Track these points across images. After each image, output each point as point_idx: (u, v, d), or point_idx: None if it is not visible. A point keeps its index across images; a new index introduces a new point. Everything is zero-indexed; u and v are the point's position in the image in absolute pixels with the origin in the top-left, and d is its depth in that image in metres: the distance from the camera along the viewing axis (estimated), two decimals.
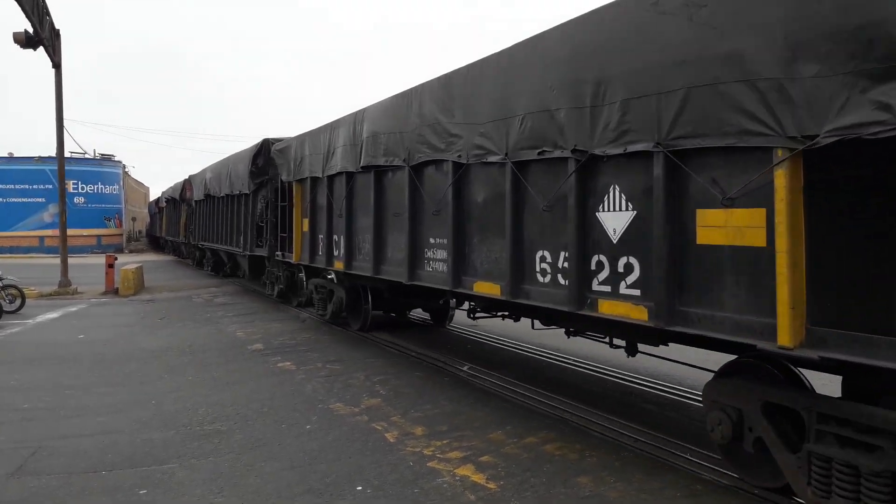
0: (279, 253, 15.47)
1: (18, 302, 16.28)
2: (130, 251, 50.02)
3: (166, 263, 36.71)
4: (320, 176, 12.30)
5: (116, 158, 53.24)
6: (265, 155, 16.69)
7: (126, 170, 57.06)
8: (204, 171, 25.74)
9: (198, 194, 26.80)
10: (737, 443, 5.17)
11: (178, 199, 33.44)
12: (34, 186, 46.08)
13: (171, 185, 40.84)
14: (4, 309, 14.93)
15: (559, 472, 5.65)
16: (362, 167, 10.34)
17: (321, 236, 12.49)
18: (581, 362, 9.87)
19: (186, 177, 31.08)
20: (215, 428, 7.00)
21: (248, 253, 18.42)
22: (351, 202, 11.16)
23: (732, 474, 5.40)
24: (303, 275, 15.50)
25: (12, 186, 46.04)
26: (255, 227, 17.43)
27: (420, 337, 12.24)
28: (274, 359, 10.58)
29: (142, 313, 16.45)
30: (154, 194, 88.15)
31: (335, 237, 11.86)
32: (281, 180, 14.98)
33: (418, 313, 14.23)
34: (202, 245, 27.32)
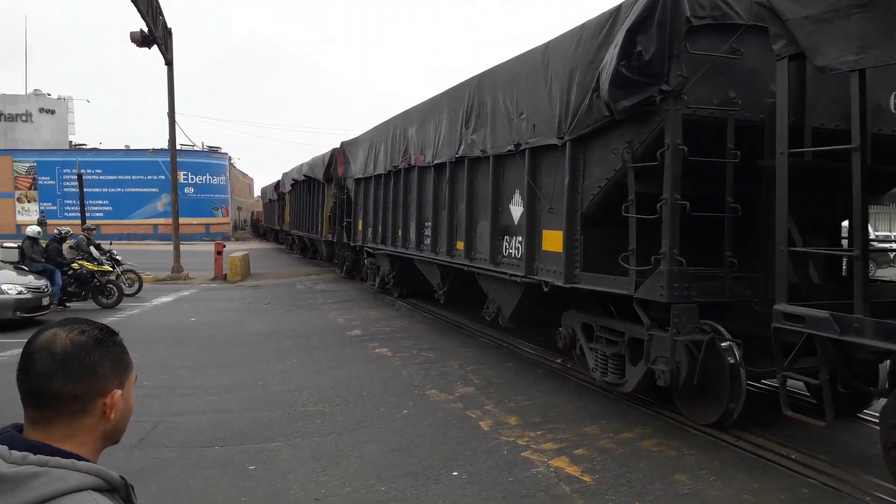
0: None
1: (137, 286, 17.37)
2: (236, 239, 52.33)
3: (269, 251, 38.27)
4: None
5: (223, 150, 55.70)
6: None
7: (232, 161, 59.59)
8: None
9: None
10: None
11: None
12: (148, 177, 48.85)
13: (278, 177, 42.42)
14: (125, 292, 15.95)
15: (656, 468, 5.57)
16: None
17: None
18: None
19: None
20: (318, 409, 7.30)
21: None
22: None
23: (839, 477, 5.19)
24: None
25: (129, 177, 48.95)
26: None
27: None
28: (371, 345, 10.88)
29: (248, 298, 17.24)
30: (258, 185, 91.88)
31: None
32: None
33: None
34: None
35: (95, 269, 15.15)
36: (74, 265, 14.92)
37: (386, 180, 14.55)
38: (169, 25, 22.19)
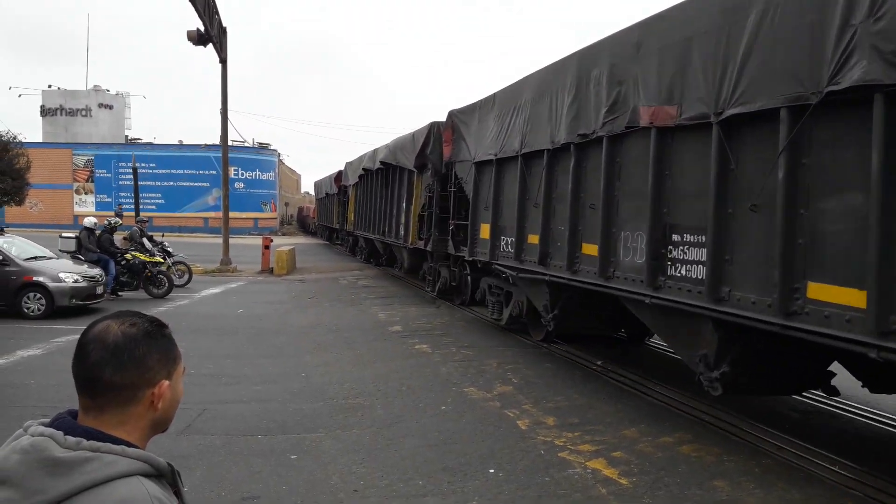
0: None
1: (186, 277, 17.78)
2: (283, 234, 53.16)
3: (315, 247, 38.74)
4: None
5: (272, 147, 56.60)
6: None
7: (280, 158, 60.51)
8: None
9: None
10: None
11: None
12: (200, 171, 49.97)
13: (327, 173, 39.38)
14: (175, 283, 16.34)
15: (695, 473, 5.50)
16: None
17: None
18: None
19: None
20: (359, 402, 7.38)
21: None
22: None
23: (888, 492, 5.04)
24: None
25: (182, 171, 50.15)
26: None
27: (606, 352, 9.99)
28: (412, 341, 10.94)
29: (293, 292, 17.51)
30: (305, 181, 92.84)
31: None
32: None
33: None
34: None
35: (147, 259, 15.55)
36: (128, 256, 15.34)
37: (551, 162, 9.04)
38: (224, 24, 22.64)
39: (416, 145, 15.76)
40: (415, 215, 16.28)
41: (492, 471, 5.49)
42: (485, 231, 11.48)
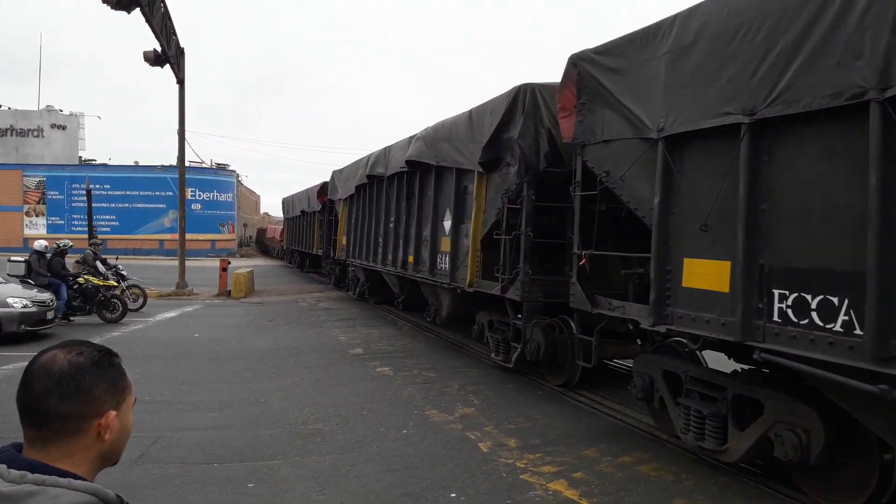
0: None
1: (141, 301, 17.39)
2: (242, 255, 52.45)
3: (274, 268, 38.28)
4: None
5: (231, 168, 55.99)
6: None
7: (239, 178, 59.89)
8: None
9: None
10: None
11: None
12: (156, 193, 49.06)
13: (297, 191, 33.75)
14: (129, 307, 15.97)
15: (654, 492, 5.54)
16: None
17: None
18: None
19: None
20: (318, 428, 7.27)
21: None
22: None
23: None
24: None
25: (137, 193, 49.20)
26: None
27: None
28: (373, 363, 10.85)
29: (252, 315, 17.24)
30: (265, 203, 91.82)
31: None
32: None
33: None
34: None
35: (101, 283, 15.18)
36: (80, 279, 14.95)
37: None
38: (182, 45, 22.43)
39: (483, 127, 9.92)
40: (475, 240, 10.19)
41: (453, 495, 5.45)
42: (701, 276, 5.60)
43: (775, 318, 4.84)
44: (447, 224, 11.43)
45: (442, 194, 11.86)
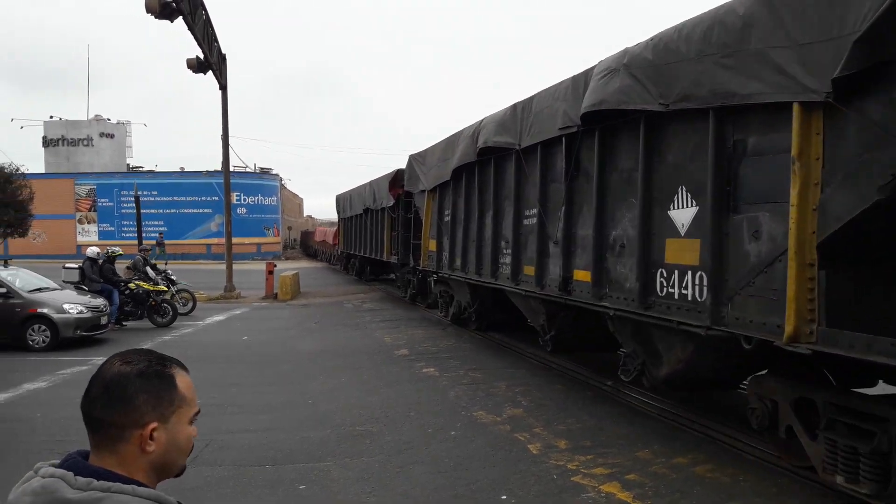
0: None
1: (191, 305, 17.79)
2: (286, 258, 53.20)
3: (318, 271, 38.76)
4: None
5: (274, 172, 56.86)
6: None
7: (283, 182, 60.76)
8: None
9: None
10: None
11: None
12: (202, 198, 50.14)
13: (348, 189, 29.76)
14: (179, 311, 16.33)
15: (710, 494, 5.42)
16: None
17: None
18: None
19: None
20: (366, 429, 7.32)
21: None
22: None
23: None
24: None
25: (184, 198, 50.35)
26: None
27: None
28: (418, 364, 10.88)
29: (298, 317, 17.48)
30: (308, 206, 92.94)
31: None
32: None
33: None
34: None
35: (151, 288, 15.56)
36: (131, 285, 15.35)
37: None
38: (224, 52, 22.85)
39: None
40: (803, 246, 4.90)
41: (504, 497, 5.43)
42: None
43: None
44: (682, 215, 6.42)
45: (667, 162, 6.72)
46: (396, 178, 19.59)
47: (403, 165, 17.51)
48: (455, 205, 13.28)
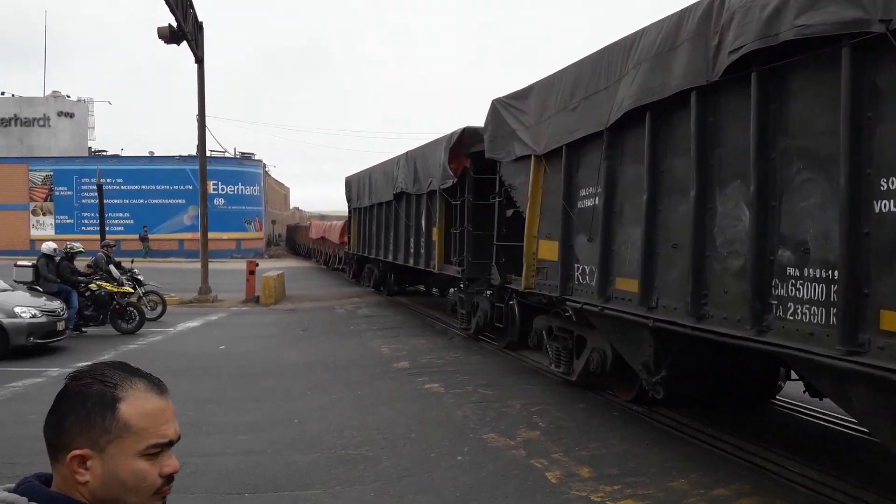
0: None
1: (160, 309, 17.84)
2: (270, 256, 53.34)
3: (306, 270, 38.85)
4: None
5: (256, 157, 56.94)
6: None
7: (266, 169, 60.82)
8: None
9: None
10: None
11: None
12: (174, 187, 50.18)
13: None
14: (146, 316, 16.37)
15: None
16: None
17: None
18: (790, 403, 9.35)
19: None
20: (361, 453, 7.34)
21: None
22: None
23: None
24: None
25: (153, 187, 50.40)
26: None
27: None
28: (420, 379, 10.91)
29: (283, 324, 17.54)
30: (295, 197, 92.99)
31: None
32: None
33: None
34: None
35: (115, 290, 15.60)
36: (92, 286, 15.39)
37: None
38: (200, 20, 22.90)
39: None
40: None
41: None
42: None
43: None
44: None
45: None
46: (462, 142, 14.55)
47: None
48: (618, 177, 8.40)
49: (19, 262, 15.88)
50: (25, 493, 1.34)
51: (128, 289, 16.13)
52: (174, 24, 21.12)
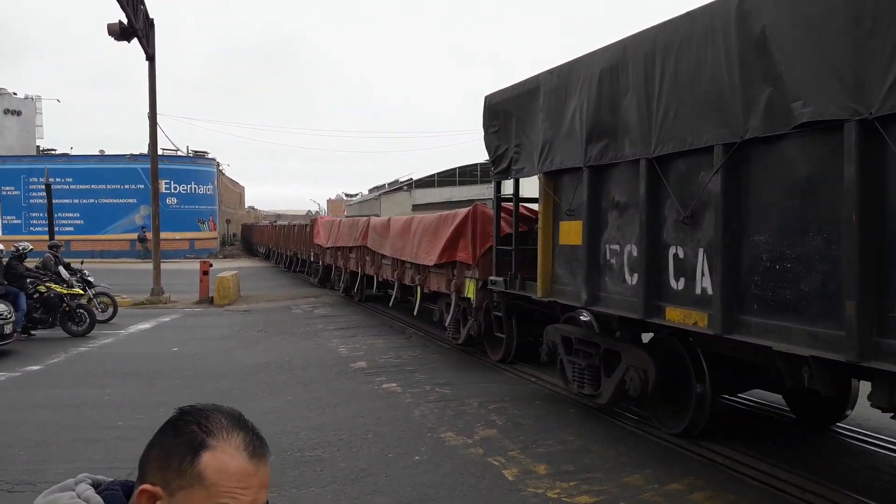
0: None
1: (111, 311, 17.52)
2: (224, 256, 52.73)
3: (262, 270, 38.46)
4: None
5: (210, 156, 56.26)
6: None
7: (220, 168, 60.14)
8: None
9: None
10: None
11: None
12: (125, 186, 49.37)
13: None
14: (97, 318, 16.07)
15: None
16: None
17: None
18: (748, 399, 9.50)
19: None
20: (317, 454, 7.29)
21: None
22: None
23: None
24: None
25: (103, 186, 49.49)
26: None
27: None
28: (378, 379, 10.87)
29: (238, 325, 17.33)
30: (251, 196, 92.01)
31: None
32: None
33: None
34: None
35: (64, 291, 15.30)
36: (41, 287, 15.07)
37: None
38: (151, 16, 22.53)
39: None
40: None
41: None
42: None
43: None
44: None
45: None
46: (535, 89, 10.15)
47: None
48: None
49: None
50: (108, 501, 1.37)
51: (78, 290, 15.84)
52: (125, 21, 20.75)
